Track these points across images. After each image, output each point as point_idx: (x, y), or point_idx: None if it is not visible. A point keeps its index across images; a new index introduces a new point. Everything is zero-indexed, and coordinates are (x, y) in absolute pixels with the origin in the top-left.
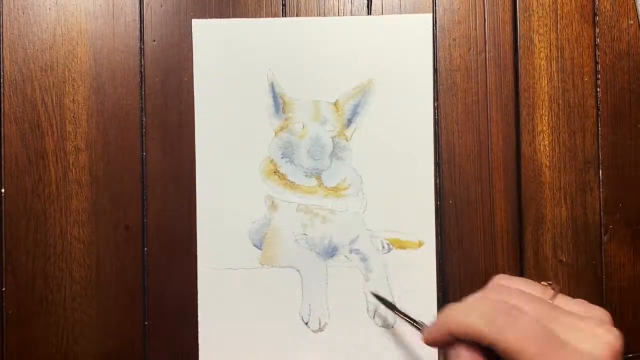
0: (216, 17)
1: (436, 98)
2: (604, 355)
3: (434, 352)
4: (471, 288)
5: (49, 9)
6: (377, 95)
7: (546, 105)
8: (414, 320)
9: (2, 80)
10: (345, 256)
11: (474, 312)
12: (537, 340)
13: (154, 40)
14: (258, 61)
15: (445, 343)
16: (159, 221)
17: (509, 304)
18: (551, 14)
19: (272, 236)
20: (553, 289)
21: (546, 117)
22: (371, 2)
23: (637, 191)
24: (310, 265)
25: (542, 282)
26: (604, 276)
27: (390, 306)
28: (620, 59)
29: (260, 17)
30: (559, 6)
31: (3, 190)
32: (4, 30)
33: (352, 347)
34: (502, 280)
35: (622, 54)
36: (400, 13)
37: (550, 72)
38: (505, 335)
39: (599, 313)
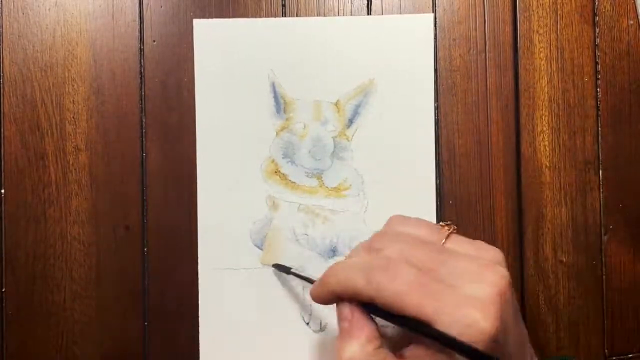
0: (216, 17)
1: (436, 98)
2: (488, 296)
3: None
4: None
5: (49, 9)
6: (378, 95)
7: (546, 105)
8: (310, 280)
9: (1, 80)
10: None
11: (352, 270)
12: (418, 290)
13: (154, 41)
14: (259, 61)
15: (331, 301)
16: (159, 221)
17: (389, 257)
18: (551, 14)
19: (273, 236)
20: (448, 229)
21: (546, 118)
22: (371, 2)
23: (637, 191)
24: (311, 265)
25: (441, 223)
26: (604, 276)
27: (287, 271)
28: (621, 59)
29: (260, 17)
30: (559, 6)
31: (3, 191)
32: (4, 30)
33: None
34: (395, 224)
35: (622, 54)
36: (400, 13)
37: (550, 72)
38: (382, 291)
39: (492, 254)
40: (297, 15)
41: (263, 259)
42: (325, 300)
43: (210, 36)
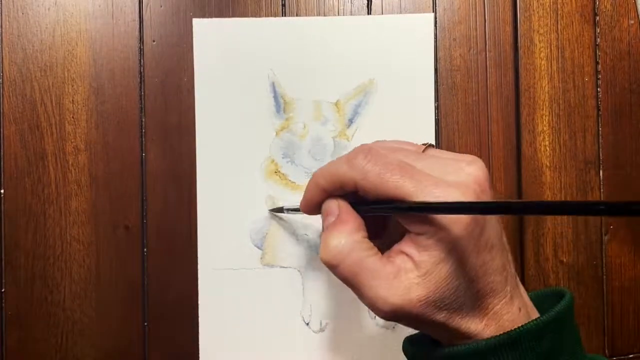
0: (216, 16)
1: (436, 98)
2: (465, 181)
3: None
4: None
5: (48, 9)
6: (378, 95)
7: (547, 105)
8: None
9: (1, 80)
10: None
11: (336, 162)
12: (399, 172)
13: (154, 41)
14: (259, 61)
15: (319, 204)
16: (159, 221)
17: (371, 147)
18: (551, 14)
19: (273, 236)
20: (426, 143)
21: (547, 117)
22: (371, 2)
23: (637, 191)
24: (311, 265)
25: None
26: (604, 276)
27: (281, 210)
28: (621, 59)
29: (260, 16)
30: (559, 6)
31: (2, 191)
32: (3, 30)
33: (353, 348)
34: (376, 142)
35: (623, 54)
36: (401, 13)
37: (551, 72)
38: (365, 173)
39: (469, 157)
40: (297, 15)
41: (263, 259)
42: (314, 204)
43: (210, 36)
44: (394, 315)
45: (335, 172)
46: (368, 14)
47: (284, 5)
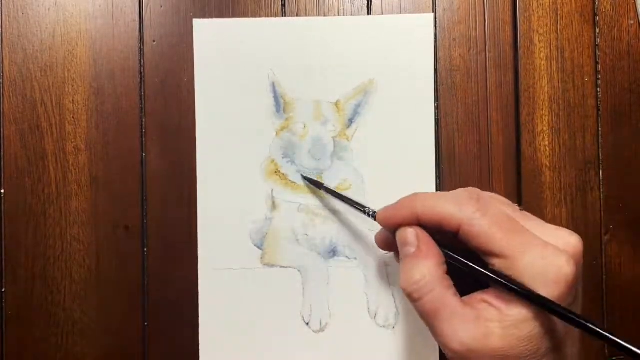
0: (216, 17)
1: (436, 98)
2: (567, 251)
3: (435, 352)
4: None
5: (49, 9)
6: (378, 95)
7: (546, 105)
8: (342, 197)
9: (1, 80)
10: (347, 256)
11: (442, 197)
12: (507, 227)
13: (154, 41)
14: (259, 61)
15: (398, 225)
16: (159, 221)
17: (480, 196)
18: (551, 14)
19: (273, 236)
20: (520, 208)
21: (546, 117)
22: (371, 2)
23: (637, 191)
24: (311, 265)
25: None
26: (604, 276)
27: (320, 185)
28: (621, 59)
29: (260, 17)
30: (559, 6)
31: (2, 191)
32: (4, 31)
33: (353, 348)
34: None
35: (623, 54)
36: (400, 13)
37: (551, 72)
38: (473, 220)
39: (566, 230)
40: (297, 15)
41: (263, 259)
42: (395, 223)
43: (210, 36)
44: (467, 356)
45: (441, 209)
46: (368, 14)
47: (284, 5)
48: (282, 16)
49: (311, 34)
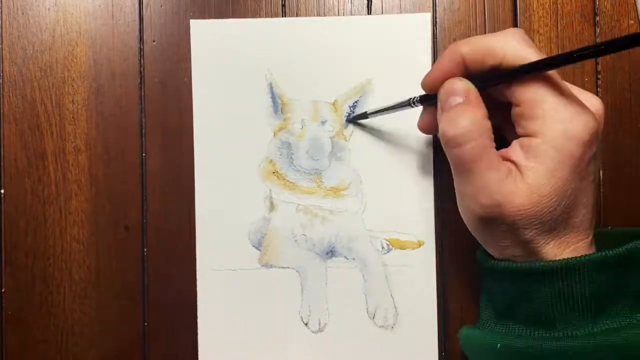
0: (216, 17)
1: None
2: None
3: (434, 353)
4: (471, 288)
5: (48, 9)
6: (376, 95)
7: None
8: (402, 103)
9: (1, 80)
10: (345, 257)
11: (488, 34)
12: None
13: (154, 41)
14: (256, 61)
15: (443, 77)
16: (159, 221)
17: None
18: (551, 14)
19: (271, 237)
20: None
21: None
22: (371, 2)
23: (637, 191)
24: (309, 265)
25: None
26: None
27: (365, 115)
28: (621, 59)
29: (260, 17)
30: (559, 6)
31: (2, 191)
32: (3, 31)
33: (352, 348)
34: None
35: (623, 54)
36: (400, 13)
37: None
38: (520, 50)
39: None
40: (297, 15)
41: (261, 259)
42: (441, 75)
43: (207, 36)
44: (492, 212)
45: (485, 41)
46: (368, 14)
47: (284, 5)
48: (282, 16)
49: (311, 34)
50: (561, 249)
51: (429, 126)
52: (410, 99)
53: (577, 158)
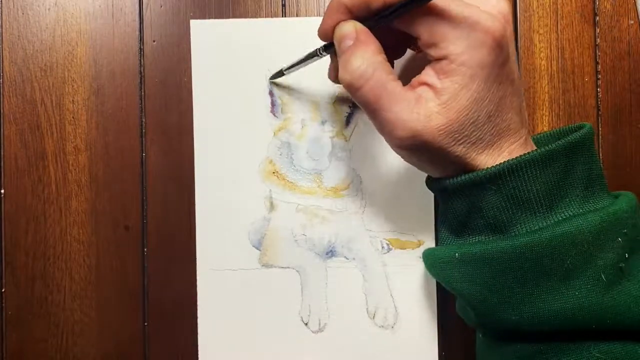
0: (216, 17)
1: None
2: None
3: (434, 353)
4: None
5: (49, 9)
6: None
7: (547, 105)
8: (311, 54)
9: (1, 80)
10: (345, 256)
11: None
12: None
13: (154, 41)
14: (257, 61)
15: (333, 26)
16: (159, 222)
17: None
18: (551, 14)
19: (272, 237)
20: None
21: (547, 118)
22: None
23: (637, 191)
24: (309, 265)
25: None
26: None
27: (281, 73)
28: (621, 59)
29: (260, 17)
30: (559, 6)
31: (2, 191)
32: (4, 31)
33: (352, 348)
34: None
35: (623, 54)
36: None
37: (551, 72)
38: None
39: None
40: (297, 15)
41: (261, 259)
42: (331, 25)
43: (207, 36)
44: (413, 141)
45: None
46: None
47: (284, 5)
48: (283, 16)
49: (311, 34)
50: (495, 156)
51: (336, 72)
52: (317, 49)
53: (488, 66)
